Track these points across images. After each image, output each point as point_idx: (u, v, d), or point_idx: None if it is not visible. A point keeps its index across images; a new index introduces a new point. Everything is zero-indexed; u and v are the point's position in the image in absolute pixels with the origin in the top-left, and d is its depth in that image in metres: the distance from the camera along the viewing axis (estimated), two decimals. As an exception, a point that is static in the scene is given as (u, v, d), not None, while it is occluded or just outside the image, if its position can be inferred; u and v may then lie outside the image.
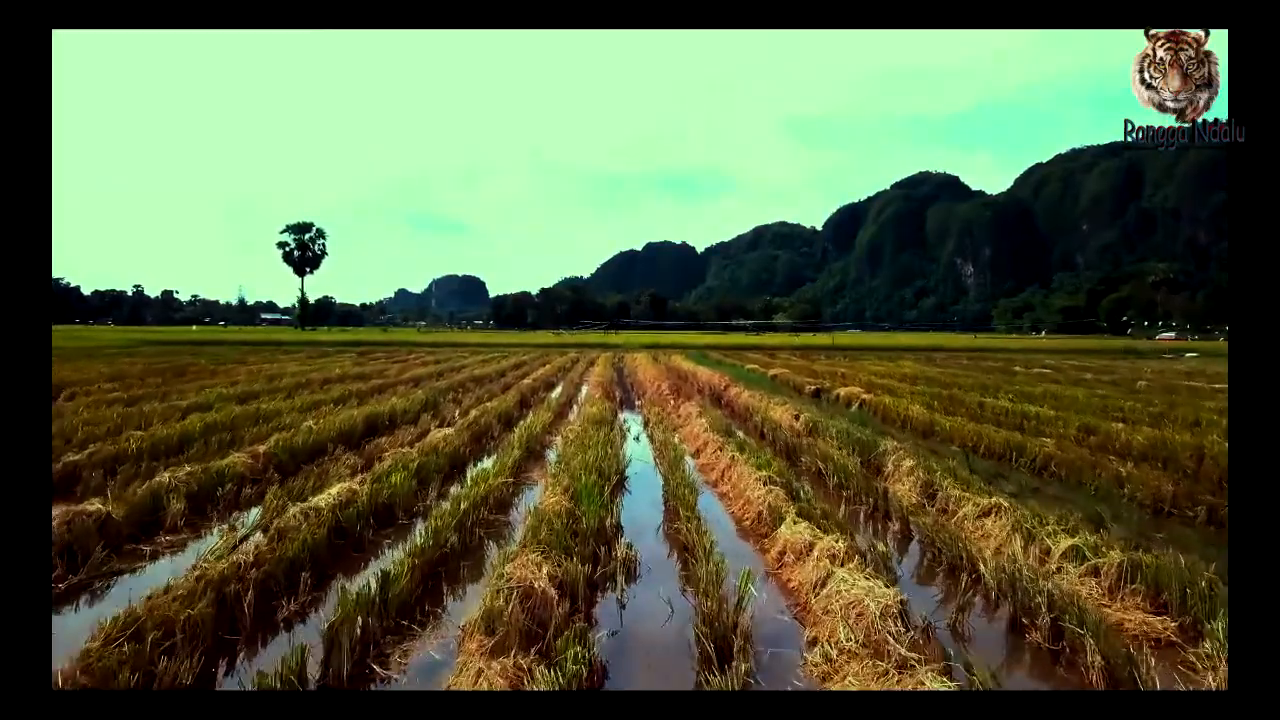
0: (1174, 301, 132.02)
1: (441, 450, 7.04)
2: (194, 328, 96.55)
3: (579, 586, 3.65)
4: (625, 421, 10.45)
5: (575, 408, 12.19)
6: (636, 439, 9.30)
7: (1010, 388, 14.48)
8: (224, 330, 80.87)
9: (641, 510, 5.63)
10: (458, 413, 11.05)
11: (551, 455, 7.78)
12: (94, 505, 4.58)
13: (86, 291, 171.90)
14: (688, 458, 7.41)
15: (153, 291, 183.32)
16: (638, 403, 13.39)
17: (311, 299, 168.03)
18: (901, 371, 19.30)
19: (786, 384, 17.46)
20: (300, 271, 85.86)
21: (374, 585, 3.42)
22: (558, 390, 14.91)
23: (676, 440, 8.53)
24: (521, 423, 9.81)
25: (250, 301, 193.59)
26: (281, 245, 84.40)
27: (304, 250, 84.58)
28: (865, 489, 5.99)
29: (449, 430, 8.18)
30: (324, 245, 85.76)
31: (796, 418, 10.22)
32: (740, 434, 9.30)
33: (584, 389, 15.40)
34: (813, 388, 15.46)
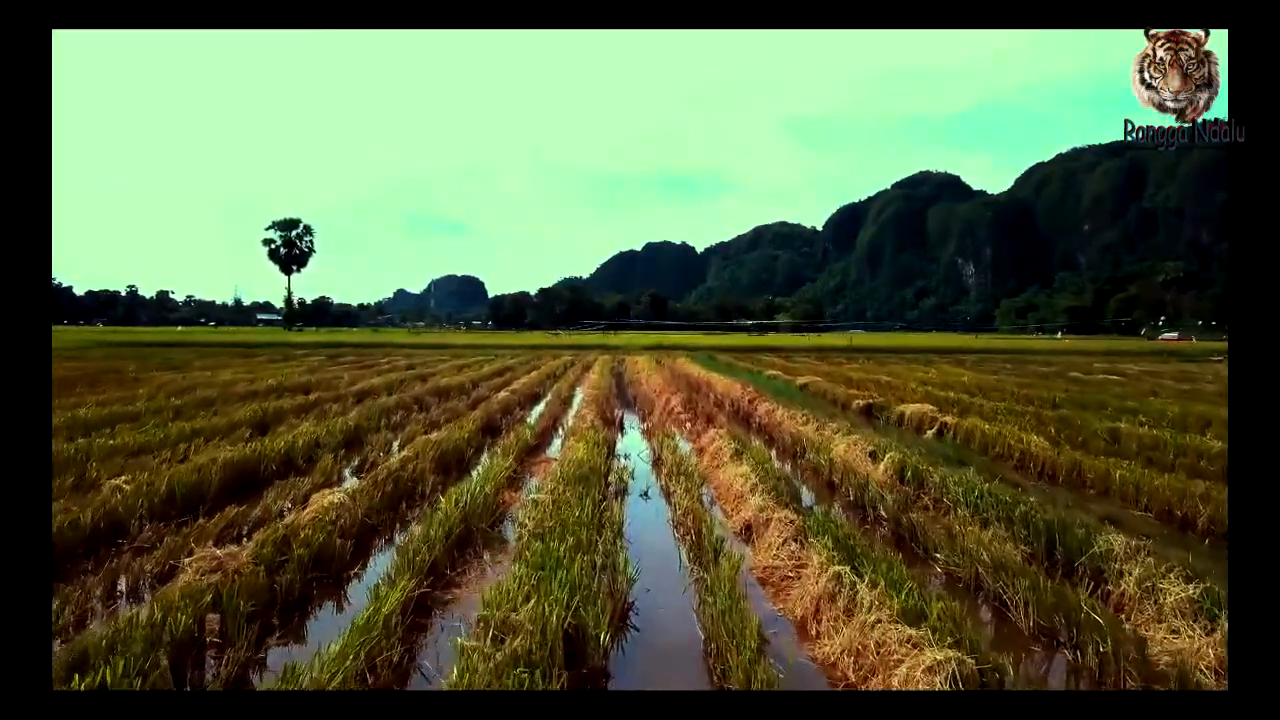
0: (1184, 301, 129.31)
1: (302, 546, 3.90)
2: (179, 328, 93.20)
3: None
4: (626, 463, 7.29)
5: (559, 436, 9.05)
6: (645, 496, 6.15)
7: (1117, 403, 11.37)
8: (208, 331, 77.44)
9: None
10: (396, 444, 7.95)
11: (509, 534, 4.67)
12: None
13: (80, 292, 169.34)
14: (742, 553, 4.26)
15: (148, 292, 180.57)
16: (643, 425, 10.25)
17: (309, 299, 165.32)
18: (959, 379, 16.17)
19: (823, 396, 14.33)
20: (287, 270, 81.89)
21: None
22: (540, 407, 11.77)
23: (706, 503, 5.44)
24: (474, 470, 6.67)
25: (247, 302, 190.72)
26: (267, 242, 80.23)
27: (291, 247, 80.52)
28: (1134, 660, 2.86)
29: (344, 493, 5.03)
30: (312, 242, 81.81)
31: (873, 456, 7.10)
32: (805, 490, 6.20)
33: (574, 405, 12.25)
34: (861, 402, 12.33)
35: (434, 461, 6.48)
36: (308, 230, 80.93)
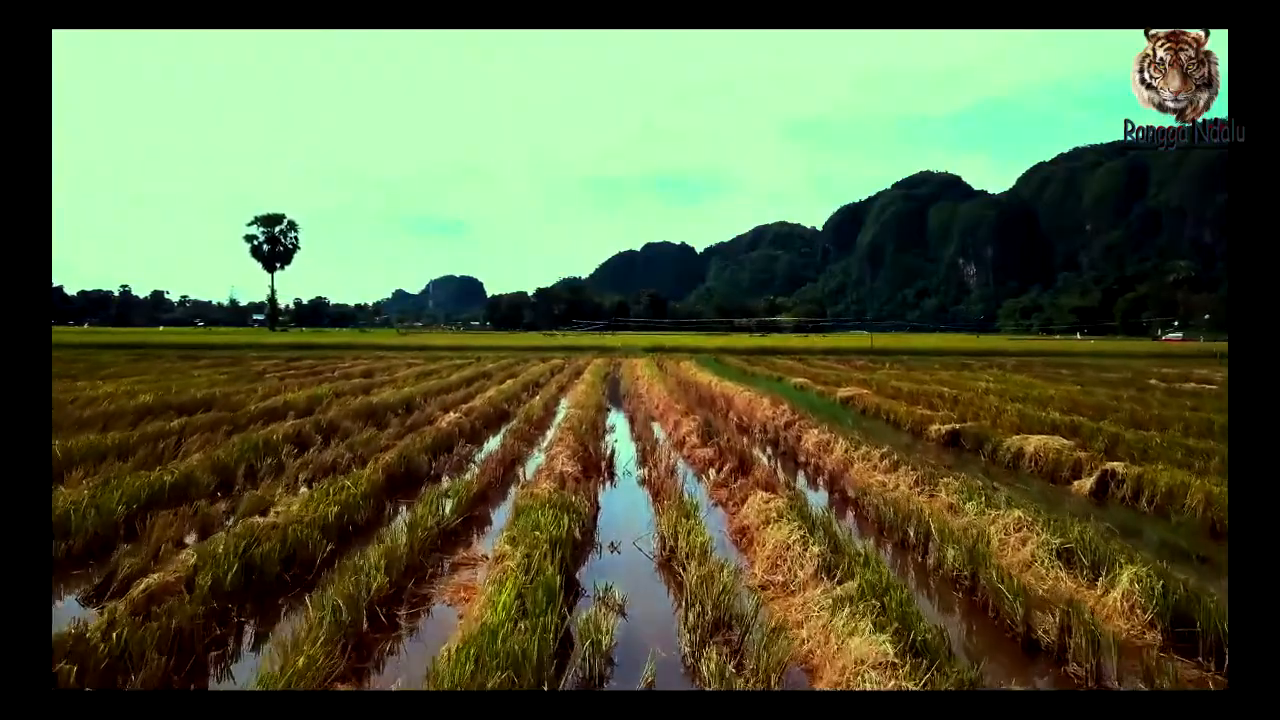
0: (1197, 301, 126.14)
1: None
2: (161, 329, 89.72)
3: None
4: (611, 583, 3.93)
5: (512, 492, 5.72)
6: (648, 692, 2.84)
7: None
8: (190, 332, 73.47)
9: None
10: (226, 525, 4.62)
11: None
12: None
13: (72, 291, 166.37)
14: None
15: (143, 292, 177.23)
16: (642, 471, 6.88)
17: (305, 300, 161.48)
18: (1040, 392, 12.81)
19: (878, 415, 11.03)
20: (271, 267, 77.72)
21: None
22: (496, 440, 8.42)
23: None
24: (305, 602, 3.35)
25: (243, 302, 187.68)
26: (250, 239, 76.00)
27: (274, 244, 76.70)
28: None
29: None
30: (296, 238, 77.19)
31: (1067, 560, 3.82)
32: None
33: (549, 433, 8.95)
34: (941, 428, 9.01)
35: (207, 603, 3.12)
36: (292, 226, 76.97)
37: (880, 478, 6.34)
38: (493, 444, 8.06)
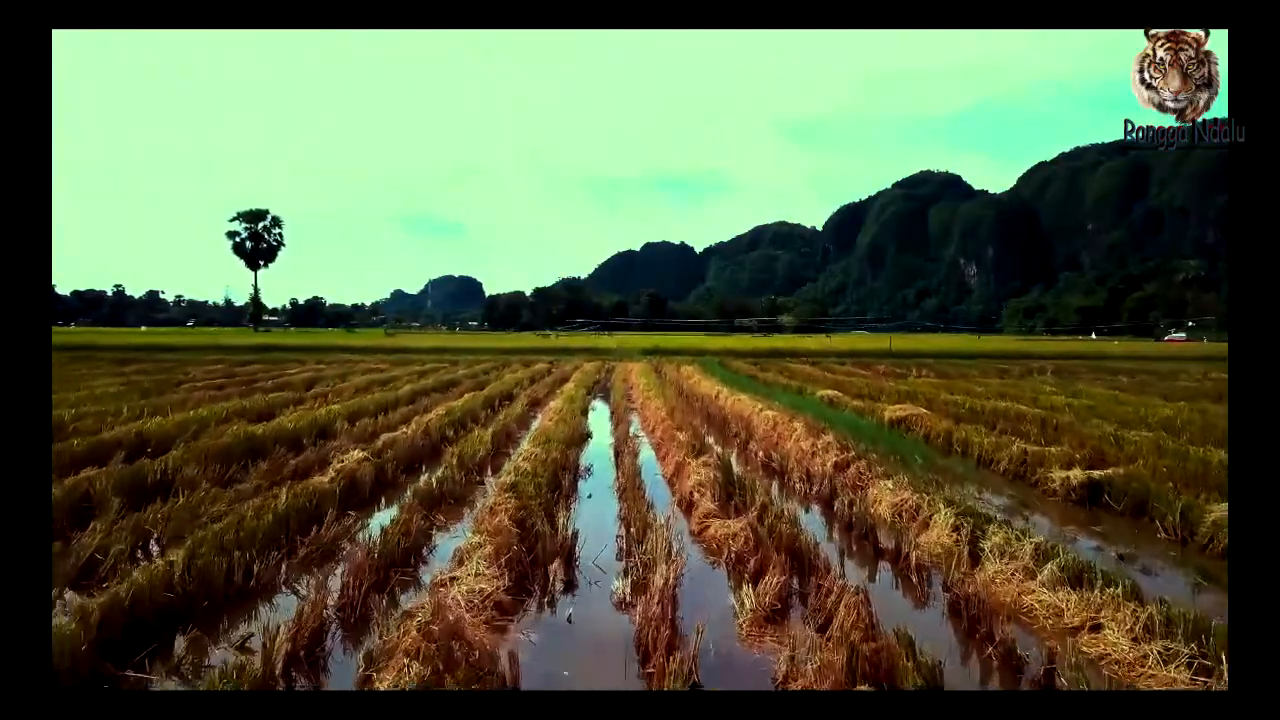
0: (1206, 300, 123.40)
1: None
2: (143, 329, 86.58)
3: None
4: None
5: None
6: None
7: None
8: (170, 332, 70.30)
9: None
10: None
11: None
12: None
13: (65, 291, 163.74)
14: None
15: (137, 292, 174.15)
16: (623, 586, 4.00)
17: (301, 299, 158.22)
18: (1154, 412, 9.86)
19: (948, 447, 8.16)
20: (254, 264, 74.58)
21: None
22: (406, 496, 5.57)
23: None
24: None
25: (238, 302, 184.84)
26: (232, 235, 72.85)
27: (257, 241, 73.56)
28: None
29: None
30: (281, 235, 73.59)
31: None
32: None
33: (491, 485, 6.07)
34: (1071, 477, 6.12)
35: None
36: (276, 222, 73.57)
37: (1045, 597, 3.55)
38: (395, 509, 5.18)
